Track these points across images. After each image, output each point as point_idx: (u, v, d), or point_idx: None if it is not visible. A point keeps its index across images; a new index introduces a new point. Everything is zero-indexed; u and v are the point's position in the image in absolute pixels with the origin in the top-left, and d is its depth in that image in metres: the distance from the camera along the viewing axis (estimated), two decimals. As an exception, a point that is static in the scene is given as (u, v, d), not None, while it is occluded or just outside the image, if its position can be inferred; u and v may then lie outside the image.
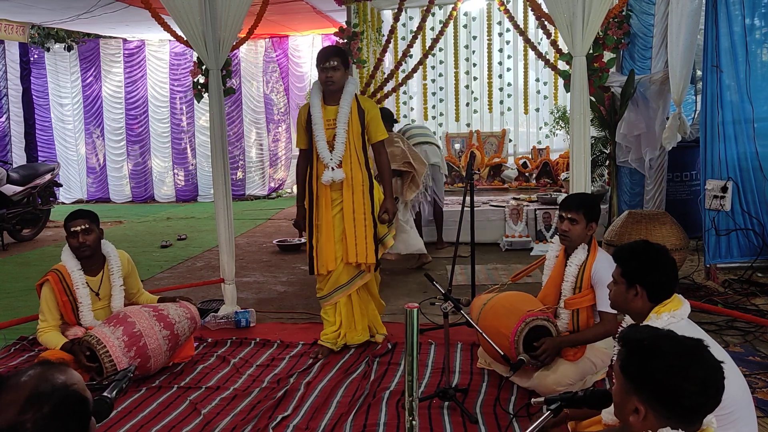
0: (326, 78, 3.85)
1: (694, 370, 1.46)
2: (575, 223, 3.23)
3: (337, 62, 3.84)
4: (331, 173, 3.85)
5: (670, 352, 1.49)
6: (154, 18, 6.41)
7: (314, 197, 3.97)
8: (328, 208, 3.91)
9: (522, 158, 8.96)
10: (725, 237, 5.07)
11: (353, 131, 3.89)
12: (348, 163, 3.88)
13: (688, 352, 1.50)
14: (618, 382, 1.58)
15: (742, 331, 4.08)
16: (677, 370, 1.46)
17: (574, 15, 4.06)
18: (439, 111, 9.35)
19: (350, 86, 3.93)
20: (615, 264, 2.33)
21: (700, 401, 1.47)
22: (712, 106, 4.93)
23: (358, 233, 3.89)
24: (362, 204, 3.90)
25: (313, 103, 3.99)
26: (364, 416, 3.16)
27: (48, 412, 1.23)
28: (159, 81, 11.68)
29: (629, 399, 1.52)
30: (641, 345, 1.54)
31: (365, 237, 3.90)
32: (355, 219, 3.89)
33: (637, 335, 1.58)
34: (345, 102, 3.88)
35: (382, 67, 7.44)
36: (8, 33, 9.71)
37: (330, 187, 3.90)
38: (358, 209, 3.89)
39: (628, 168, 6.42)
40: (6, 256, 7.52)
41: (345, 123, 3.86)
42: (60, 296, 3.66)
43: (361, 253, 3.90)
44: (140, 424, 3.17)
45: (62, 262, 3.72)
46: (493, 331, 3.27)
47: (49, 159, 11.22)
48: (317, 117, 3.91)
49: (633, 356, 1.54)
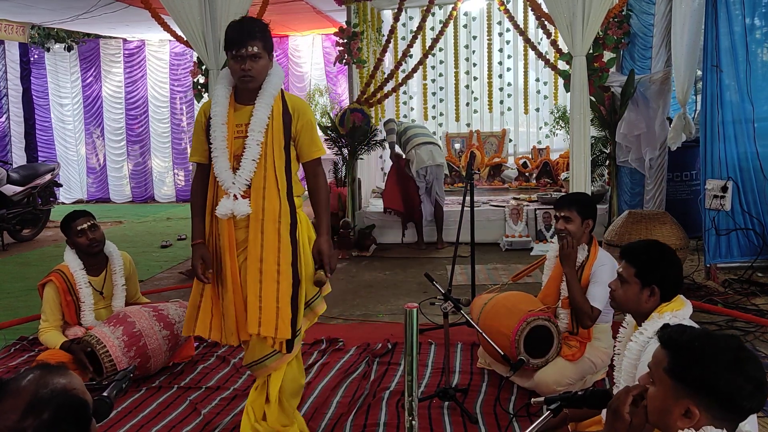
0: (242, 72, 2.64)
1: (750, 369, 1.47)
2: (570, 221, 3.24)
3: (258, 48, 2.65)
4: (231, 204, 2.65)
5: (725, 353, 1.48)
6: (154, 18, 6.42)
7: (213, 236, 2.79)
8: (233, 254, 2.70)
9: (522, 158, 8.96)
10: (725, 237, 5.07)
11: (274, 144, 2.68)
12: (260, 190, 2.66)
13: (739, 351, 1.50)
14: (662, 386, 1.53)
15: (742, 331, 4.08)
16: (738, 371, 1.46)
17: (574, 15, 4.07)
18: (439, 111, 9.34)
19: (273, 79, 2.73)
20: (616, 264, 2.32)
21: (757, 400, 1.47)
22: (712, 105, 4.93)
23: (265, 292, 2.64)
24: (275, 250, 2.66)
25: (217, 98, 2.74)
26: (364, 416, 3.16)
27: (48, 418, 1.22)
28: (159, 81, 11.67)
29: (679, 403, 1.49)
30: (692, 347, 1.51)
31: (276, 299, 2.65)
32: (262, 271, 2.65)
33: (682, 337, 1.55)
34: (263, 102, 2.68)
35: (382, 67, 7.44)
36: (8, 33, 9.71)
37: (235, 223, 2.70)
38: (268, 257, 2.65)
39: (628, 168, 6.42)
40: (6, 256, 7.52)
41: (261, 132, 2.66)
42: (64, 296, 3.66)
43: (268, 323, 2.63)
44: (140, 424, 3.17)
45: (65, 262, 3.73)
46: (493, 331, 3.27)
47: (49, 159, 11.22)
48: (219, 120, 2.69)
49: (686, 360, 1.50)
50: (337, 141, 7.12)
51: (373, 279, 5.88)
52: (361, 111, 6.99)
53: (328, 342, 4.20)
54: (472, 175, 4.40)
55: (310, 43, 11.35)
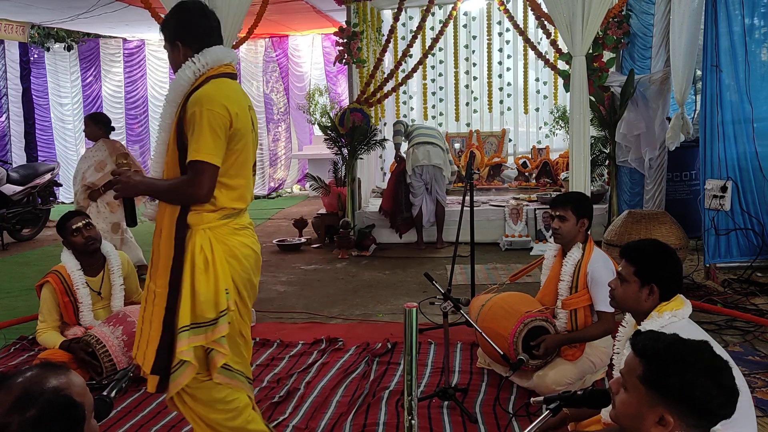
0: None
1: (724, 376, 1.48)
2: (564, 220, 3.25)
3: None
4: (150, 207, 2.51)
5: (699, 361, 1.49)
6: (153, 18, 6.43)
7: None
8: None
9: (522, 158, 8.96)
10: (725, 237, 5.07)
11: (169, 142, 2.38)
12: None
13: (711, 358, 1.51)
14: (636, 394, 1.53)
15: (742, 331, 4.09)
16: (712, 379, 1.46)
17: (574, 15, 4.07)
18: (439, 111, 9.35)
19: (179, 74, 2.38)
20: (609, 260, 2.32)
21: (730, 406, 1.49)
22: (712, 105, 4.93)
23: (145, 315, 2.37)
24: (164, 266, 2.31)
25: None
26: (364, 416, 3.16)
27: (33, 416, 1.22)
28: (159, 81, 11.68)
29: (653, 410, 1.50)
30: (666, 356, 1.51)
31: (150, 324, 2.32)
32: (148, 289, 2.39)
33: (656, 345, 1.54)
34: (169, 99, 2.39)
35: (381, 66, 7.45)
36: (8, 33, 9.71)
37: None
38: (156, 272, 2.35)
39: (628, 168, 6.42)
40: (6, 255, 7.52)
41: (167, 127, 2.39)
42: (61, 297, 3.67)
43: (141, 351, 2.37)
44: (140, 423, 3.17)
45: (62, 263, 3.73)
46: (491, 333, 3.26)
47: (48, 159, 11.21)
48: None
49: (660, 368, 1.50)
50: (337, 141, 7.13)
51: (373, 279, 5.88)
52: (360, 111, 7.00)
53: (328, 342, 4.20)
54: (472, 175, 4.40)
55: (309, 42, 11.35)
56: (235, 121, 2.30)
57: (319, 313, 4.83)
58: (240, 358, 2.44)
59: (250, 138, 2.41)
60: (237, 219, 2.41)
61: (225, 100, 2.28)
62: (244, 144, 2.37)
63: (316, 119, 9.35)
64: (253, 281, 2.48)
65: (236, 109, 2.31)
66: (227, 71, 2.39)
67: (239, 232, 2.41)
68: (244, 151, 2.38)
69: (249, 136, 2.40)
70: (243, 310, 2.44)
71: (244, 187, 2.42)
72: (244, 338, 2.47)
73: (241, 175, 2.39)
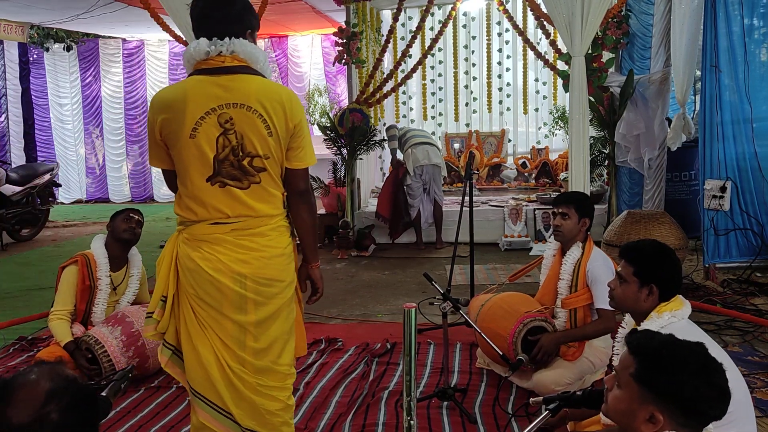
0: None
1: (715, 378, 1.49)
2: (567, 217, 3.26)
3: None
4: None
5: (692, 362, 1.50)
6: (153, 18, 6.42)
7: None
8: None
9: (521, 158, 8.96)
10: (724, 237, 5.08)
11: None
12: None
13: (705, 359, 1.52)
14: (628, 390, 1.55)
15: (741, 331, 4.09)
16: (704, 379, 1.48)
17: (573, 15, 4.07)
18: (439, 111, 9.35)
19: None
20: (609, 259, 2.33)
21: (720, 407, 1.50)
22: (711, 106, 4.93)
23: None
24: None
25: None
26: (363, 416, 3.16)
27: (68, 403, 1.30)
28: (158, 81, 11.66)
29: (643, 408, 1.51)
30: (659, 355, 1.53)
31: None
32: None
33: (651, 344, 1.56)
34: None
35: (381, 67, 7.45)
36: (7, 33, 9.71)
37: None
38: None
39: (628, 168, 6.43)
40: (5, 256, 7.52)
41: None
42: (82, 281, 3.67)
43: None
44: (139, 424, 3.17)
45: (91, 249, 3.76)
46: (491, 333, 3.26)
47: (48, 159, 11.21)
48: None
49: (653, 367, 1.52)
50: (336, 141, 7.13)
51: (372, 279, 5.88)
52: (360, 111, 7.00)
53: (327, 342, 4.20)
54: (471, 175, 4.40)
55: (309, 43, 11.35)
56: (161, 128, 2.17)
57: (319, 314, 4.83)
58: (207, 383, 2.22)
59: (189, 144, 2.15)
60: (189, 229, 2.24)
61: (155, 105, 2.20)
62: (178, 151, 2.18)
63: (316, 119, 9.35)
64: (206, 300, 2.21)
65: (167, 114, 2.15)
66: (202, 67, 2.18)
67: (189, 243, 2.23)
68: (180, 159, 2.19)
69: (187, 142, 2.15)
70: (211, 333, 2.22)
71: (190, 197, 2.21)
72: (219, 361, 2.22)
73: (183, 183, 2.23)
